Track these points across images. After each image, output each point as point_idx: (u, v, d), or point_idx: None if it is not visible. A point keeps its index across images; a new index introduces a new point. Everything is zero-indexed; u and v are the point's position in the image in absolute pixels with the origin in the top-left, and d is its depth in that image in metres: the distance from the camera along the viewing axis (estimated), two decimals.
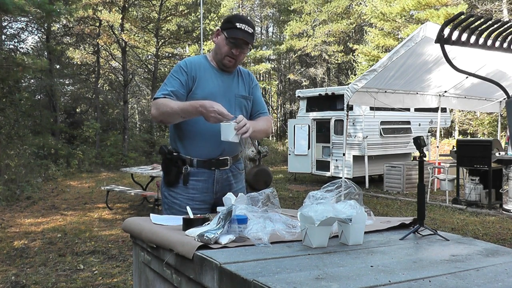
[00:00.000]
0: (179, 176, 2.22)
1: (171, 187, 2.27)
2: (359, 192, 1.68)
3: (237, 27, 2.18)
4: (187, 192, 2.23)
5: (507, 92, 2.34)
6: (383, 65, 7.58)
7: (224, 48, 2.21)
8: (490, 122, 19.91)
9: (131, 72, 20.41)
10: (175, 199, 2.25)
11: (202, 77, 2.24)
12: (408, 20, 19.85)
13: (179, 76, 2.21)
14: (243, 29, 2.18)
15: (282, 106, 31.27)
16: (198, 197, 2.23)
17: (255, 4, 31.28)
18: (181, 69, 2.23)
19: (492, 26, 2.22)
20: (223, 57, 2.23)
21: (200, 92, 2.21)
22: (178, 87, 2.19)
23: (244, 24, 2.19)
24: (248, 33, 2.20)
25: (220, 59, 2.25)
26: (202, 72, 2.25)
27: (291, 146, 11.79)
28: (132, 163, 16.08)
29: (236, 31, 2.18)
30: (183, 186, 2.23)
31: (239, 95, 2.33)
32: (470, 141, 9.54)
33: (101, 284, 4.11)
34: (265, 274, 1.19)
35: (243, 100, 2.35)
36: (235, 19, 2.22)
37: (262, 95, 2.55)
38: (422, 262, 1.35)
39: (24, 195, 9.55)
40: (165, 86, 2.21)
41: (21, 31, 16.17)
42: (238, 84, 2.35)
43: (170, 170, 2.25)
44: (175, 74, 2.23)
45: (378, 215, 6.88)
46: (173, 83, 2.20)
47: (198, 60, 2.30)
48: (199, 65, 2.27)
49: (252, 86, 2.41)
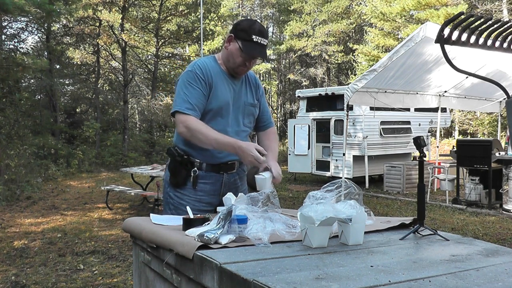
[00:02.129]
0: (188, 178, 2.22)
1: (178, 188, 2.25)
2: (359, 192, 1.68)
3: (253, 41, 2.12)
4: (195, 194, 2.22)
5: (507, 92, 2.34)
6: (383, 65, 7.58)
7: (238, 58, 2.16)
8: (490, 122, 19.90)
9: (131, 72, 20.40)
10: (182, 200, 2.23)
11: (217, 86, 2.19)
12: (408, 20, 19.85)
13: (199, 86, 2.14)
14: (259, 42, 2.13)
15: (282, 106, 31.26)
16: (205, 199, 2.22)
17: (255, 4, 31.28)
18: (197, 77, 2.15)
19: (492, 26, 2.22)
20: (236, 66, 2.19)
21: (215, 102, 2.18)
22: (200, 98, 2.14)
23: (260, 37, 2.13)
24: (264, 45, 2.15)
25: (232, 68, 2.21)
26: (216, 79, 2.20)
27: (291, 146, 11.79)
28: (132, 163, 16.08)
29: (253, 46, 2.12)
30: (191, 188, 2.22)
31: (248, 103, 2.31)
32: (470, 141, 9.54)
33: (101, 284, 4.11)
34: (265, 274, 1.19)
35: (252, 108, 2.33)
36: (252, 30, 2.13)
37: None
38: (422, 262, 1.35)
39: (24, 195, 9.55)
40: (187, 97, 2.13)
41: (21, 31, 16.16)
42: (246, 91, 2.32)
43: (179, 172, 2.23)
44: (194, 83, 2.14)
45: (378, 215, 6.87)
46: (194, 93, 2.13)
47: (210, 65, 2.22)
48: (212, 70, 2.20)
49: (259, 93, 2.39)
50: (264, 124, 2.44)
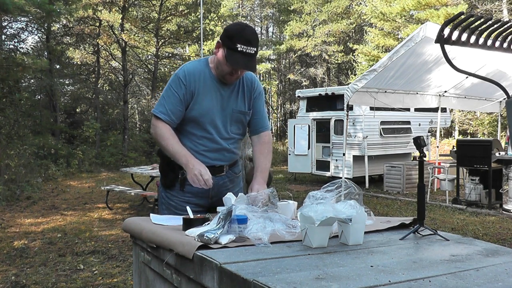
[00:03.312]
0: (176, 180, 2.22)
1: (168, 189, 2.27)
2: (359, 192, 1.68)
3: (237, 50, 2.01)
4: (183, 195, 2.23)
5: (507, 92, 2.34)
6: (383, 65, 7.58)
7: (225, 67, 2.09)
8: (490, 122, 19.89)
9: (131, 72, 20.41)
10: (171, 201, 2.26)
11: (201, 92, 2.15)
12: (408, 20, 19.85)
13: (178, 91, 2.13)
14: (244, 51, 2.01)
15: (282, 106, 31.27)
16: (194, 200, 2.21)
17: (255, 4, 31.29)
18: (180, 82, 2.13)
19: (492, 26, 2.22)
20: (224, 74, 2.13)
21: (197, 108, 2.15)
22: (177, 104, 2.14)
23: (245, 46, 2.01)
24: (250, 55, 2.04)
25: (220, 75, 2.15)
26: (201, 84, 2.16)
27: (291, 146, 11.79)
28: (132, 163, 16.08)
29: (237, 56, 2.02)
30: (179, 189, 2.23)
31: (237, 110, 2.24)
32: (470, 141, 9.54)
33: (101, 284, 4.11)
34: (265, 274, 1.19)
35: (240, 115, 2.27)
36: (237, 39, 2.02)
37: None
38: (422, 262, 1.35)
39: (24, 195, 9.55)
40: (164, 101, 2.15)
41: (21, 31, 16.17)
42: (237, 97, 2.24)
43: (168, 174, 2.25)
44: (174, 87, 2.14)
45: (378, 215, 6.87)
46: (172, 99, 2.14)
47: (198, 70, 2.18)
48: (199, 76, 2.16)
49: (254, 96, 2.30)
50: (258, 128, 2.36)
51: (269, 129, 2.43)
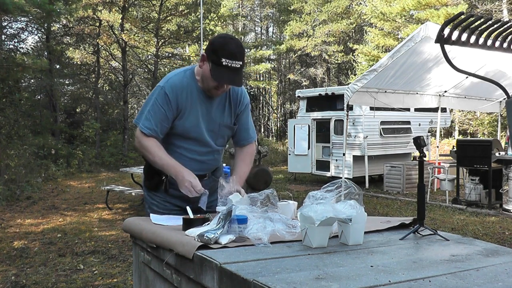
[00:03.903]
0: (160, 184, 2.22)
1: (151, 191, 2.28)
2: (359, 192, 1.68)
3: (222, 65, 1.96)
4: (165, 196, 2.24)
5: (507, 92, 2.34)
6: (383, 65, 7.58)
7: (210, 81, 2.04)
8: (490, 122, 19.89)
9: (131, 72, 20.41)
10: (153, 200, 2.27)
11: (188, 107, 2.12)
12: (408, 20, 19.85)
13: (164, 107, 2.08)
14: (229, 66, 1.96)
15: (282, 106, 31.27)
16: (175, 202, 2.22)
17: (255, 4, 31.29)
18: (166, 97, 2.08)
19: (492, 26, 2.22)
20: (210, 88, 2.10)
21: (182, 123, 2.13)
22: (163, 120, 2.10)
23: (230, 60, 1.96)
24: (235, 69, 1.98)
25: (206, 89, 2.12)
26: (188, 100, 2.12)
27: (291, 146, 11.79)
28: (132, 163, 16.07)
29: (221, 71, 1.97)
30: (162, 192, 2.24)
31: (224, 124, 2.23)
32: (470, 141, 9.54)
33: (101, 284, 4.11)
34: (265, 274, 1.19)
35: (227, 130, 2.26)
36: (221, 53, 1.96)
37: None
38: (422, 262, 1.35)
39: (24, 195, 9.55)
40: (150, 115, 2.10)
41: (21, 31, 16.16)
42: (224, 111, 2.22)
43: (152, 177, 2.25)
44: (160, 102, 2.09)
45: (378, 215, 6.88)
46: (158, 114, 2.09)
47: (184, 84, 2.12)
48: (185, 91, 2.11)
49: (240, 110, 2.27)
50: (241, 141, 2.35)
51: (253, 140, 2.40)
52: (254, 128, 2.44)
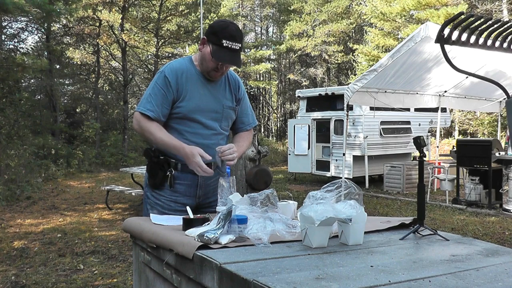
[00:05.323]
0: (165, 179, 2.20)
1: (156, 189, 2.24)
2: (359, 192, 1.68)
3: (223, 46, 2.05)
4: (171, 194, 2.21)
5: (507, 92, 2.34)
6: (383, 65, 7.58)
7: (210, 63, 2.11)
8: (490, 122, 19.89)
9: (131, 72, 20.41)
10: (157, 200, 2.23)
11: (188, 89, 2.16)
12: (408, 20, 19.85)
13: (164, 89, 2.13)
14: (229, 47, 2.06)
15: (282, 106, 31.27)
16: (181, 199, 2.20)
17: (255, 4, 31.27)
18: (166, 80, 2.13)
19: (492, 26, 2.22)
20: (209, 70, 2.15)
21: (185, 105, 2.15)
22: (164, 102, 2.13)
23: (231, 42, 2.05)
24: (235, 50, 2.08)
25: (205, 71, 2.17)
26: (188, 82, 2.16)
27: (291, 146, 11.79)
28: (132, 163, 16.07)
29: (222, 52, 2.06)
30: (168, 189, 2.21)
31: (227, 106, 2.26)
32: (470, 141, 9.54)
33: (101, 284, 4.11)
34: (265, 274, 1.19)
35: (231, 112, 2.29)
36: (222, 34, 2.06)
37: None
38: (422, 262, 1.35)
39: (24, 195, 9.55)
40: (151, 98, 2.13)
41: (21, 31, 16.19)
42: (225, 93, 2.26)
43: (156, 173, 2.22)
44: (160, 84, 2.14)
45: (378, 215, 6.88)
46: (159, 97, 2.13)
47: (183, 67, 2.18)
48: (185, 74, 2.17)
49: (240, 96, 2.33)
50: (242, 126, 2.39)
51: (251, 127, 2.43)
52: (254, 115, 2.47)
